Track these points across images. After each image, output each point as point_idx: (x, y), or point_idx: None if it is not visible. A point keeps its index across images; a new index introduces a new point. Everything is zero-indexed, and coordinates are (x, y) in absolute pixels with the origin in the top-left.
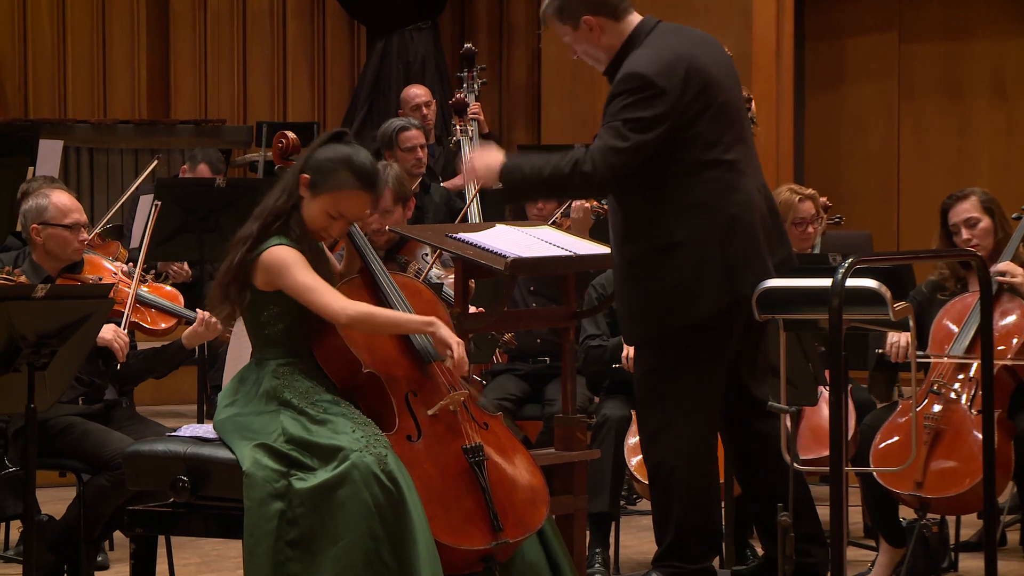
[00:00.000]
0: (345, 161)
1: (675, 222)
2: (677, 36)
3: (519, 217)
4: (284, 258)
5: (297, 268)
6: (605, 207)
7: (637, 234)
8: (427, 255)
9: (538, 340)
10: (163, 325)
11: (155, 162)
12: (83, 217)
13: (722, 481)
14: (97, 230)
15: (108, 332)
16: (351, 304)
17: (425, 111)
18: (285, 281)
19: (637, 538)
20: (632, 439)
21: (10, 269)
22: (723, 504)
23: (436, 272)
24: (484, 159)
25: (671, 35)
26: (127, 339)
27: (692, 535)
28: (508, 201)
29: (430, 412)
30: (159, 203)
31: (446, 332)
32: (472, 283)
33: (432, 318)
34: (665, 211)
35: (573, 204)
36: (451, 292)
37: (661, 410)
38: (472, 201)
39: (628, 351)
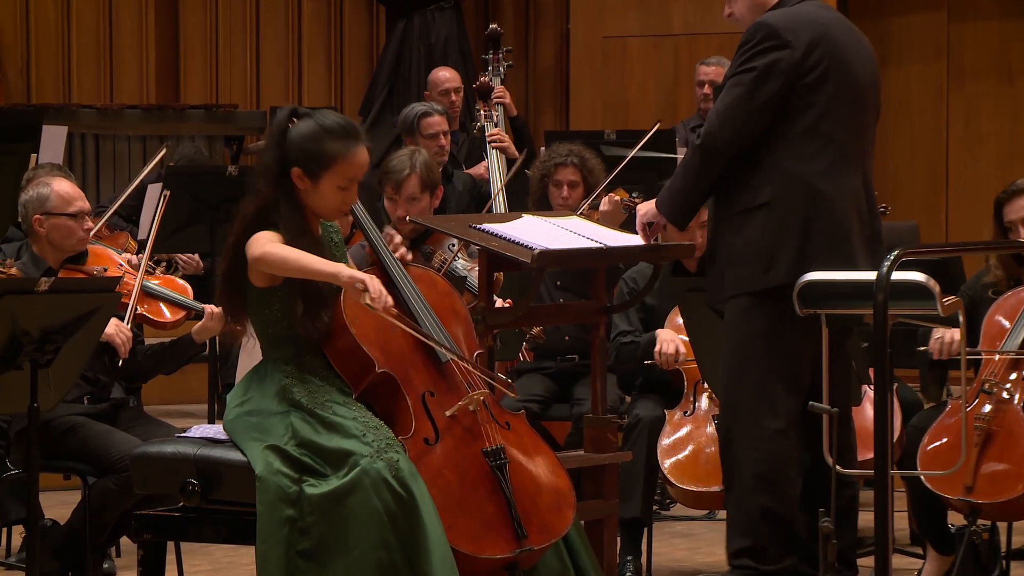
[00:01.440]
0: (322, 131)
1: (766, 185)
2: (821, 11)
3: (542, 207)
4: (256, 238)
5: (260, 241)
6: (636, 200)
7: (728, 194)
8: (453, 245)
9: (566, 337)
10: (171, 318)
11: (163, 150)
12: (87, 205)
13: None
14: (103, 221)
15: (110, 327)
16: (267, 244)
17: (454, 97)
18: (249, 256)
19: (670, 545)
20: (666, 440)
21: (1, 259)
22: None
23: (463, 263)
24: (642, 212)
25: (817, 8)
26: (129, 334)
27: (767, 532)
28: (684, 225)
29: (448, 413)
30: (167, 193)
31: (351, 272)
32: (499, 276)
33: (339, 265)
34: (759, 173)
35: (603, 197)
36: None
37: (739, 385)
38: (499, 192)
39: (660, 346)
